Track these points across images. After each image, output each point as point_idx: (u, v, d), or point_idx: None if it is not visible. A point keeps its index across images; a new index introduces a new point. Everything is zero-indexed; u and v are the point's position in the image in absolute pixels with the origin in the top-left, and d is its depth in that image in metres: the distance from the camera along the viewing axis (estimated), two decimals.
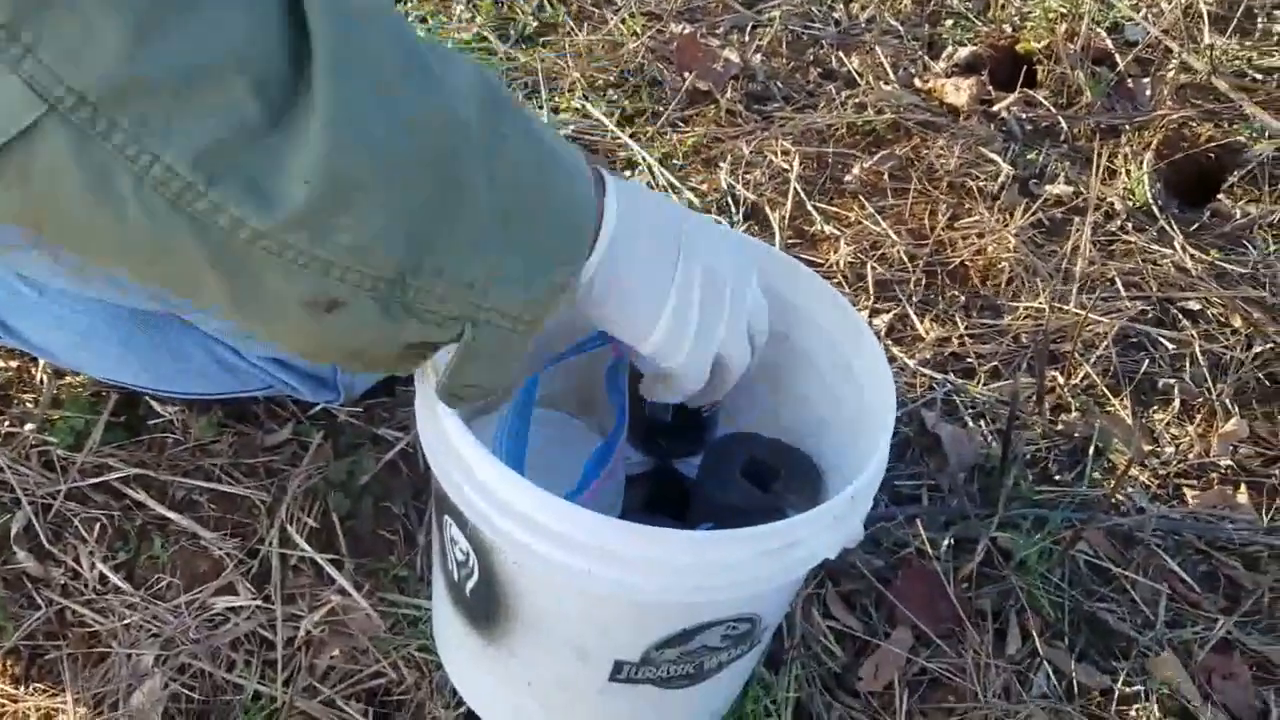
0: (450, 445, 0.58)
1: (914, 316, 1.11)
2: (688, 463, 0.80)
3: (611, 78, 1.36)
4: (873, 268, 1.15)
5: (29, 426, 0.89)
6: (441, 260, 0.48)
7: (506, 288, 0.51)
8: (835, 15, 1.52)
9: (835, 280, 1.14)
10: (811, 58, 1.45)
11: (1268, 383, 1.09)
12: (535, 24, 1.42)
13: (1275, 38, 1.52)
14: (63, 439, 0.88)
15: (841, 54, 1.45)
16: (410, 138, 0.45)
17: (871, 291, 1.13)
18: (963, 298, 1.14)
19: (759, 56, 1.43)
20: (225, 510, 0.86)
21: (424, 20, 1.40)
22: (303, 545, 0.84)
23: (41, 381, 0.92)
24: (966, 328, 1.10)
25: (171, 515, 0.85)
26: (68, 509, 0.85)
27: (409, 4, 1.43)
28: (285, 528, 0.85)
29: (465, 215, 0.48)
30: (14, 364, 0.94)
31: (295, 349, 0.54)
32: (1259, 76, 1.45)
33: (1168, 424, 1.04)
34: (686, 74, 1.37)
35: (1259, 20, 1.54)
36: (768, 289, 0.80)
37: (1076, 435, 1.01)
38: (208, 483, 0.87)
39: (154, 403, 0.91)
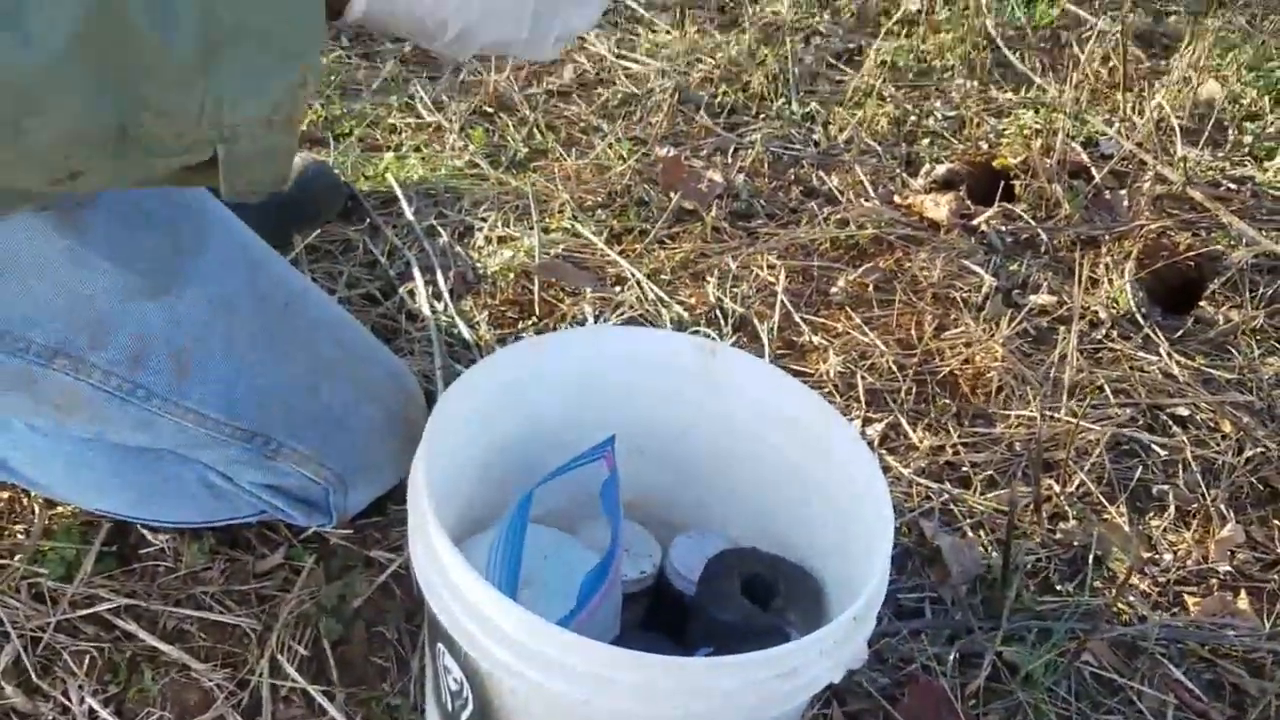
0: (442, 567, 0.57)
1: (906, 426, 1.11)
2: (686, 578, 0.79)
3: (600, 198, 1.39)
4: (862, 377, 1.16)
5: (19, 558, 0.88)
6: (155, 104, 0.49)
7: (239, 103, 0.52)
8: (814, 137, 1.57)
9: (826, 390, 1.15)
10: (793, 177, 1.49)
11: (1261, 487, 1.09)
12: (526, 150, 1.46)
13: (1245, 149, 1.56)
14: (53, 570, 0.87)
15: (822, 173, 1.49)
16: (57, 14, 0.45)
17: (863, 401, 1.13)
18: (954, 406, 1.14)
19: (742, 176, 1.46)
20: (216, 640, 0.85)
21: (418, 149, 1.44)
22: (294, 675, 0.82)
23: (33, 512, 0.91)
24: (960, 436, 1.10)
25: (162, 646, 0.83)
26: (57, 641, 0.83)
27: (403, 135, 1.46)
28: (276, 657, 0.83)
29: (155, 56, 0.49)
30: (4, 495, 0.93)
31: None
32: (1233, 186, 1.49)
33: (1165, 531, 1.04)
34: (672, 194, 1.40)
35: (1229, 132, 1.59)
36: (760, 401, 0.81)
37: (1075, 544, 1.00)
38: (199, 611, 0.86)
39: (146, 531, 0.90)
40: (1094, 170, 1.49)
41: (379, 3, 0.57)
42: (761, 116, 1.58)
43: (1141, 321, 1.27)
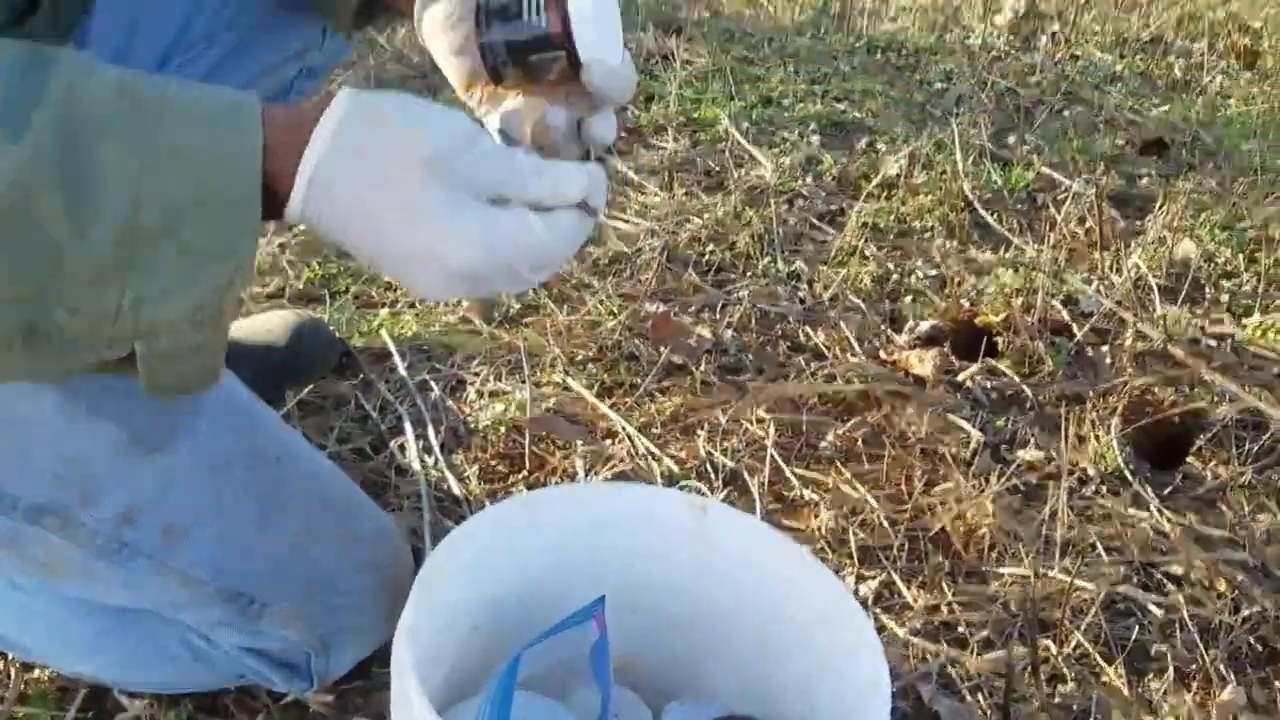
0: None
1: (900, 584, 1.10)
2: None
3: (591, 353, 1.40)
4: (854, 533, 1.15)
5: None
6: (69, 301, 0.47)
7: (161, 303, 0.49)
8: (800, 294, 1.60)
9: (818, 547, 1.14)
10: (780, 332, 1.51)
11: (1260, 647, 1.08)
12: (518, 306, 1.48)
13: (1223, 306, 1.60)
14: None
15: (808, 329, 1.51)
16: None
17: (855, 558, 1.12)
18: (947, 564, 1.13)
19: (730, 332, 1.48)
20: None
21: (412, 306, 1.46)
22: None
23: (9, 676, 0.89)
24: (954, 595, 1.09)
25: None
26: None
27: (398, 292, 1.49)
28: None
29: (69, 256, 0.46)
30: None
31: None
32: (1212, 343, 1.52)
33: (1164, 693, 1.02)
34: (662, 349, 1.41)
35: (1206, 289, 1.63)
36: (754, 560, 0.80)
37: (1075, 707, 0.98)
38: None
39: (122, 696, 0.87)
40: (1075, 328, 1.52)
41: (315, 206, 0.54)
42: (748, 274, 1.62)
43: (1130, 478, 1.27)
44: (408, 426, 1.23)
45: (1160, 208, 1.74)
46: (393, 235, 0.55)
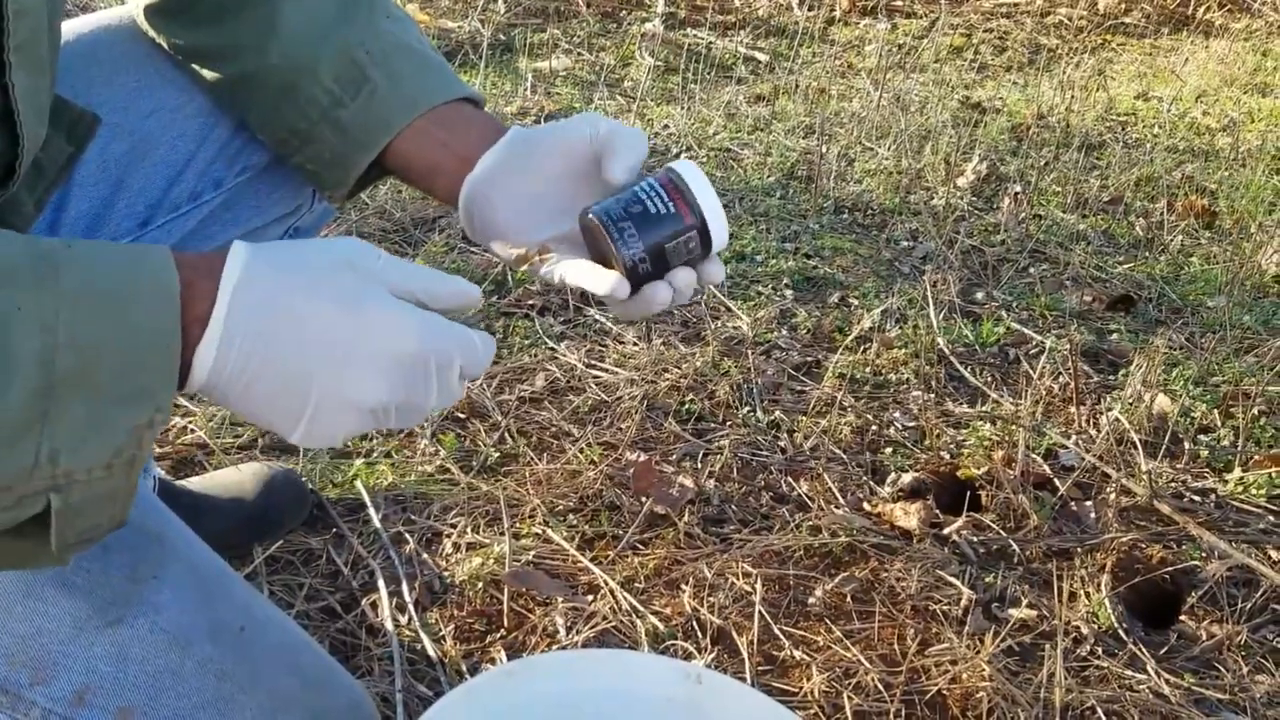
0: None
1: None
2: None
3: (571, 503, 1.37)
4: (849, 697, 1.11)
5: None
6: None
7: (78, 451, 0.48)
8: (781, 444, 1.58)
9: (811, 711, 1.09)
10: (762, 482, 1.49)
11: None
12: (496, 455, 1.45)
13: (1202, 460, 1.60)
14: None
15: (790, 479, 1.50)
16: None
17: None
18: None
19: (712, 481, 1.46)
20: None
21: (389, 455, 1.43)
22: None
23: None
24: None
25: None
26: None
27: (374, 441, 1.46)
28: None
29: None
30: None
31: None
32: (1196, 498, 1.51)
33: None
34: (644, 499, 1.38)
35: (1185, 444, 1.63)
36: None
37: None
38: None
39: None
40: (1057, 481, 1.51)
41: (217, 378, 0.55)
42: (728, 424, 1.61)
43: (1125, 637, 1.24)
44: (381, 583, 1.19)
45: (1134, 364, 1.76)
46: (328, 327, 0.56)
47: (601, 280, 0.71)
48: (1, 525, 0.50)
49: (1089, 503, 1.48)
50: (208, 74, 0.83)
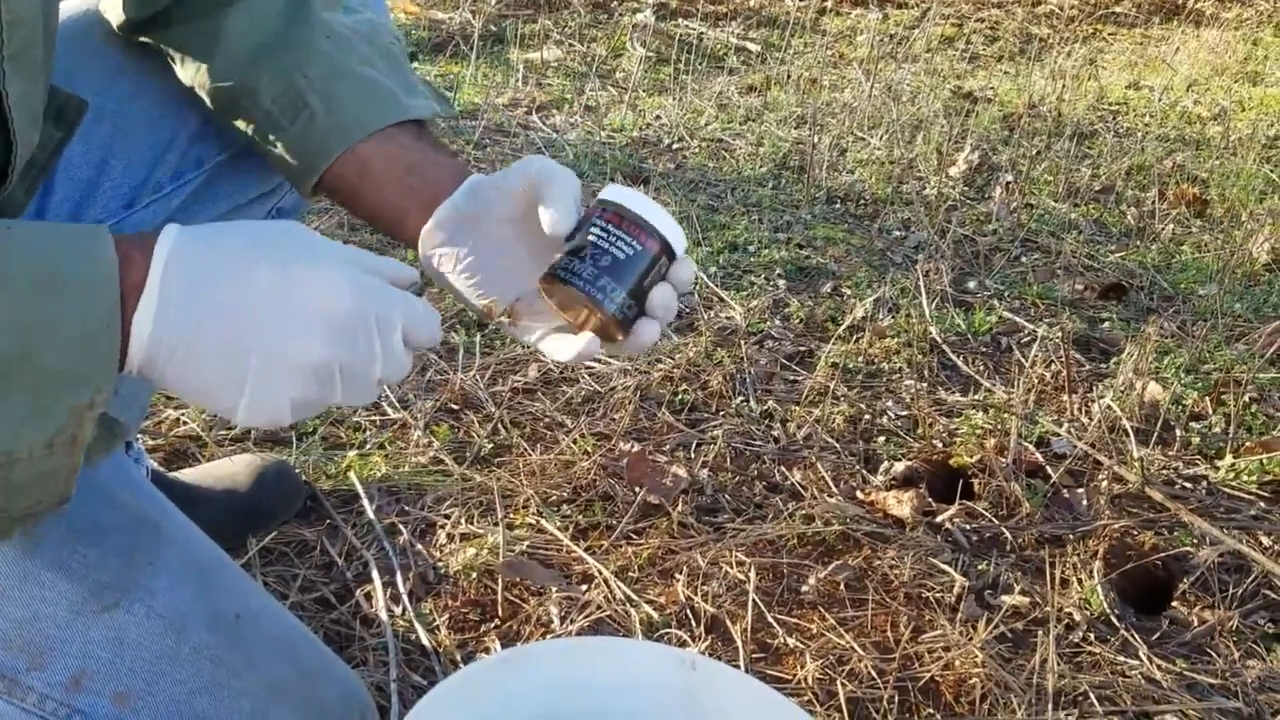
0: None
1: None
2: None
3: (565, 494, 1.37)
4: (842, 684, 1.11)
5: None
6: None
7: (18, 433, 0.49)
8: (774, 433, 1.59)
9: (805, 699, 1.09)
10: (755, 472, 1.49)
11: None
12: (490, 446, 1.45)
13: (1193, 447, 1.61)
14: None
15: (783, 468, 1.50)
16: None
17: (845, 711, 1.08)
18: (939, 716, 1.09)
19: (705, 471, 1.46)
20: None
21: (382, 447, 1.43)
22: None
23: None
24: None
25: None
26: None
27: (367, 432, 1.46)
28: None
29: None
30: None
31: None
32: (1188, 485, 1.52)
33: None
34: (637, 489, 1.39)
35: (1176, 431, 1.64)
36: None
37: None
38: None
39: None
40: (1050, 469, 1.52)
41: (156, 349, 0.55)
42: (721, 414, 1.61)
43: (1117, 623, 1.24)
44: (375, 573, 1.19)
45: (1126, 352, 1.76)
46: (264, 285, 0.56)
47: (574, 349, 0.72)
48: None
49: (1081, 490, 1.49)
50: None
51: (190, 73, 0.81)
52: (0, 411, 0.49)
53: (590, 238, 0.71)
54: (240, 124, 0.80)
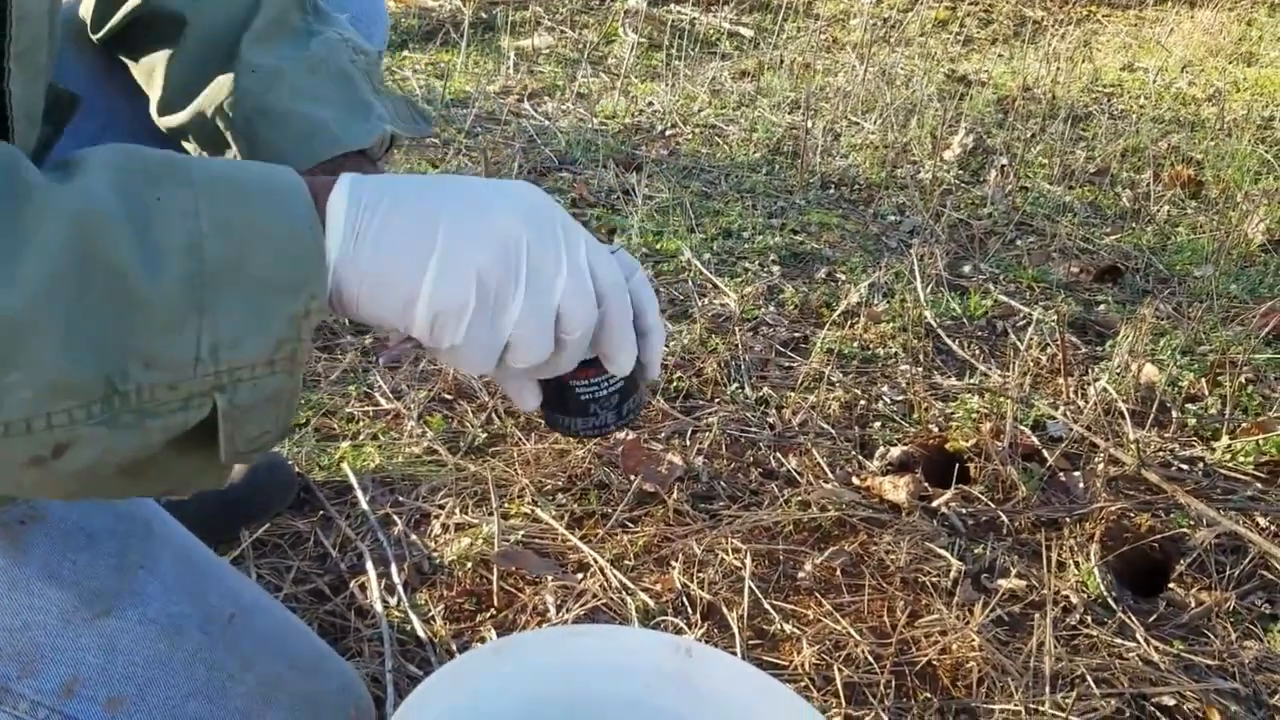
0: None
1: None
2: None
3: (560, 482, 1.37)
4: (839, 669, 1.11)
5: None
6: (144, 353, 0.45)
7: (239, 342, 0.48)
8: (769, 420, 1.58)
9: (802, 684, 1.09)
10: (751, 459, 1.48)
11: None
12: (484, 435, 1.44)
13: (1190, 428, 1.60)
14: None
15: (779, 455, 1.49)
16: (30, 270, 0.43)
17: (842, 696, 1.08)
18: (936, 701, 1.09)
19: (701, 458, 1.46)
20: None
21: (375, 437, 1.42)
22: None
23: None
24: None
25: None
26: None
27: (360, 423, 1.45)
28: None
29: (140, 298, 0.45)
30: None
31: (60, 498, 0.50)
32: (1184, 466, 1.51)
33: None
34: (633, 477, 1.38)
35: (1173, 413, 1.63)
36: (743, 708, 0.76)
37: None
38: None
39: None
40: (1045, 452, 1.51)
41: (351, 232, 0.53)
42: (716, 400, 1.60)
43: (1114, 605, 1.24)
44: (369, 564, 1.18)
45: (1122, 334, 1.76)
46: (452, 181, 0.55)
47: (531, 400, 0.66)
48: (171, 432, 0.48)
49: (1077, 473, 1.48)
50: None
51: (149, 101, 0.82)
52: (219, 322, 0.48)
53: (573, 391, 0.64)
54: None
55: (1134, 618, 1.23)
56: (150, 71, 0.80)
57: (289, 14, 0.80)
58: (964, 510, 1.40)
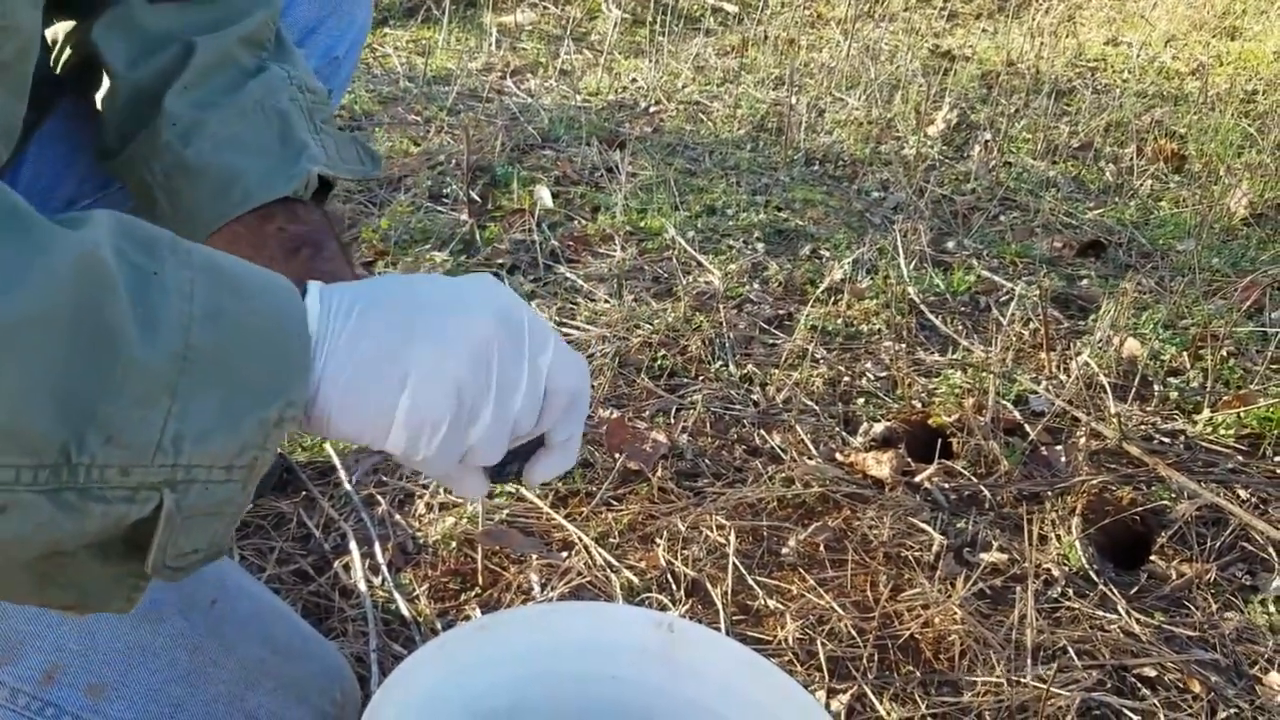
0: None
1: (872, 697, 1.06)
2: None
3: None
4: (822, 644, 1.11)
5: None
6: (108, 424, 0.43)
7: (206, 437, 0.46)
8: (753, 397, 1.58)
9: (785, 659, 1.10)
10: (735, 436, 1.49)
11: None
12: None
13: (1172, 402, 1.61)
14: None
15: (763, 432, 1.50)
16: (25, 294, 0.40)
17: (825, 669, 1.08)
18: (918, 673, 1.09)
19: (685, 436, 1.46)
20: None
21: None
22: None
23: None
24: (928, 707, 1.05)
25: None
26: None
27: None
28: None
29: (123, 366, 0.43)
30: None
31: None
32: (1166, 440, 1.52)
33: None
34: (617, 455, 1.38)
35: (1155, 387, 1.64)
36: (725, 683, 0.76)
37: None
38: None
39: None
40: (1028, 427, 1.52)
41: (322, 335, 0.52)
42: (701, 378, 1.60)
43: (1095, 578, 1.25)
44: (353, 545, 1.18)
45: (1104, 309, 1.76)
46: (423, 285, 0.55)
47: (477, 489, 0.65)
48: (108, 523, 0.46)
49: (1059, 447, 1.49)
50: None
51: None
52: (190, 410, 0.46)
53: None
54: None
55: (1115, 590, 1.24)
56: (95, 113, 0.78)
57: (233, 54, 0.76)
58: (947, 485, 1.41)
